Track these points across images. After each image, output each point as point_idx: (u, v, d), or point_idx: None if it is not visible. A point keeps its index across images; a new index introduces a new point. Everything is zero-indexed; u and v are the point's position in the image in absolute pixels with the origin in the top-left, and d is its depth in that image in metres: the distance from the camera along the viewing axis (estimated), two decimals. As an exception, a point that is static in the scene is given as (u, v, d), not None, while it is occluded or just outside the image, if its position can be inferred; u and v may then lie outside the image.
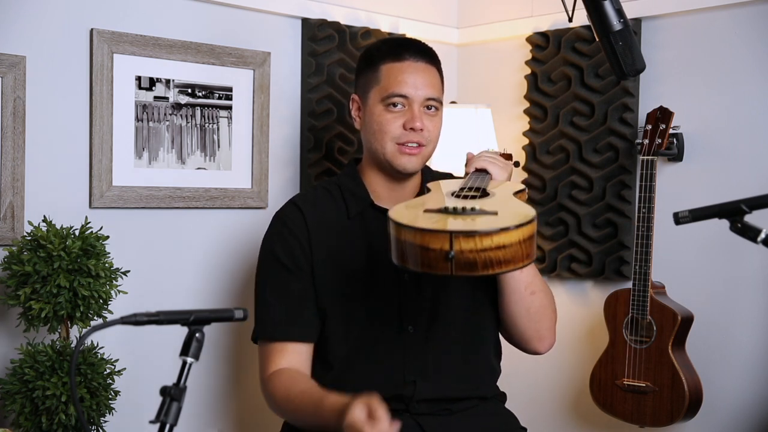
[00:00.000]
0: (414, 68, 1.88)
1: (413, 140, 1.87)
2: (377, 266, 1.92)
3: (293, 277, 1.88)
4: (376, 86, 1.90)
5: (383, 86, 1.88)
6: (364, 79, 1.94)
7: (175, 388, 1.24)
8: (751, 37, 2.45)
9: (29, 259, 1.93)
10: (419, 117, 1.86)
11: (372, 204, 1.95)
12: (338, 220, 1.94)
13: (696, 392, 2.41)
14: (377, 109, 1.89)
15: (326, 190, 1.99)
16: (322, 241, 1.91)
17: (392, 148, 1.88)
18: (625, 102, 2.65)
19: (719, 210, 1.38)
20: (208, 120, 2.48)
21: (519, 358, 2.12)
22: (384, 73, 1.89)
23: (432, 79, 1.90)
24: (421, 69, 1.89)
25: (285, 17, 2.65)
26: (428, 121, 1.88)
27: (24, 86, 2.13)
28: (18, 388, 1.95)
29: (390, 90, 1.86)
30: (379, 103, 1.89)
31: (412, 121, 1.86)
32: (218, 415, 2.56)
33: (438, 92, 1.91)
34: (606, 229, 2.72)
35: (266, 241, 1.97)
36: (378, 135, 1.89)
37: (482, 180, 1.76)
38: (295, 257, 1.89)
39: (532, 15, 2.93)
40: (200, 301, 2.49)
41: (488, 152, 1.91)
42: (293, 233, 1.91)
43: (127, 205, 2.32)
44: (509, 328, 1.95)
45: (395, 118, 1.87)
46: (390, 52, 1.90)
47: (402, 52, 1.89)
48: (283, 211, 1.96)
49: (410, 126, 1.86)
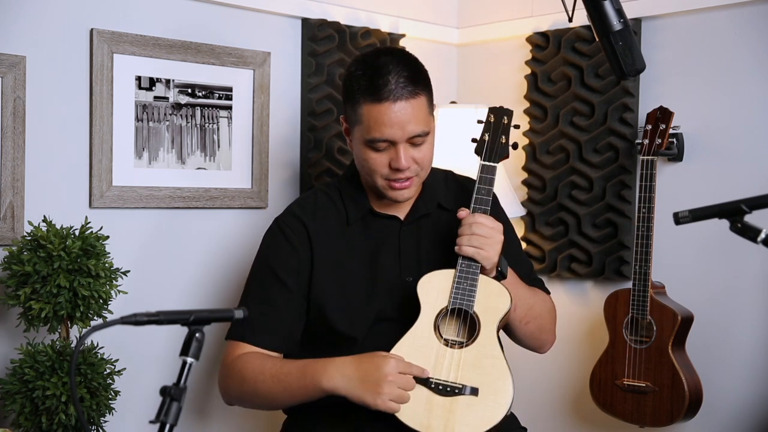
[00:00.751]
0: (394, 109, 1.78)
1: (401, 177, 1.84)
2: (378, 272, 1.92)
3: (282, 289, 1.88)
4: (359, 125, 1.84)
5: (365, 128, 1.82)
6: (348, 110, 1.87)
7: (175, 388, 1.24)
8: (751, 37, 2.45)
9: (29, 259, 1.93)
10: (404, 156, 1.81)
11: (372, 210, 1.94)
12: (338, 226, 1.94)
13: (696, 392, 2.41)
14: (361, 147, 1.85)
15: (326, 194, 1.98)
16: (324, 250, 1.91)
17: (382, 182, 1.86)
18: (625, 102, 2.65)
19: (719, 210, 1.38)
20: (208, 120, 2.48)
21: (519, 359, 2.12)
22: (365, 114, 1.81)
23: (416, 113, 1.80)
24: (402, 108, 1.78)
25: (285, 17, 2.65)
26: (416, 152, 1.84)
27: (24, 86, 2.13)
28: (18, 388, 1.95)
29: (371, 135, 1.81)
30: (362, 143, 1.84)
31: (397, 162, 1.81)
32: (218, 415, 2.56)
33: (423, 124, 1.82)
34: (606, 229, 2.72)
35: (262, 247, 1.97)
36: (366, 170, 1.87)
37: (472, 281, 1.80)
38: (288, 270, 1.89)
39: (532, 15, 2.93)
40: (200, 301, 2.49)
41: (477, 221, 1.83)
42: (292, 246, 1.90)
43: (127, 205, 2.32)
44: (512, 340, 2.04)
45: (380, 157, 1.83)
46: (369, 91, 1.79)
47: (380, 91, 1.78)
48: (284, 221, 1.95)
49: (395, 166, 1.82)
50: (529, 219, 2.89)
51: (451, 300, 1.81)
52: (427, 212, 1.98)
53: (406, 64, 1.82)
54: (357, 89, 1.82)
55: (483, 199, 1.88)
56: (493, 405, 1.74)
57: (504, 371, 1.77)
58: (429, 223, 1.97)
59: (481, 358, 1.77)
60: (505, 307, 1.81)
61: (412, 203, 1.98)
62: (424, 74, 1.87)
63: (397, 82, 1.78)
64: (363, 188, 1.95)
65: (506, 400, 1.74)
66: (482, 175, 1.91)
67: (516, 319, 1.93)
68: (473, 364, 1.77)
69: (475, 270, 1.81)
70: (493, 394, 1.75)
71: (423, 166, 1.87)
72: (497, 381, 1.76)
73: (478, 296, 1.80)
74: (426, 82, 1.86)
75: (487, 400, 1.74)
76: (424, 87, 1.84)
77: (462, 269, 1.81)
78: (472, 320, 1.80)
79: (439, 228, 1.95)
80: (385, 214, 1.95)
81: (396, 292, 1.89)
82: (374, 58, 1.84)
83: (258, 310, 1.87)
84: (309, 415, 1.91)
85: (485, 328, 1.79)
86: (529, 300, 1.95)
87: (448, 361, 1.77)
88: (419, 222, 1.97)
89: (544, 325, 2.01)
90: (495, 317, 1.80)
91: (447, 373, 1.76)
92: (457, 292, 1.81)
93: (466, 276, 1.81)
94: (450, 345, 1.79)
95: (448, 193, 2.03)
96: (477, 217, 1.83)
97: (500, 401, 1.74)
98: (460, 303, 1.80)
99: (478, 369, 1.76)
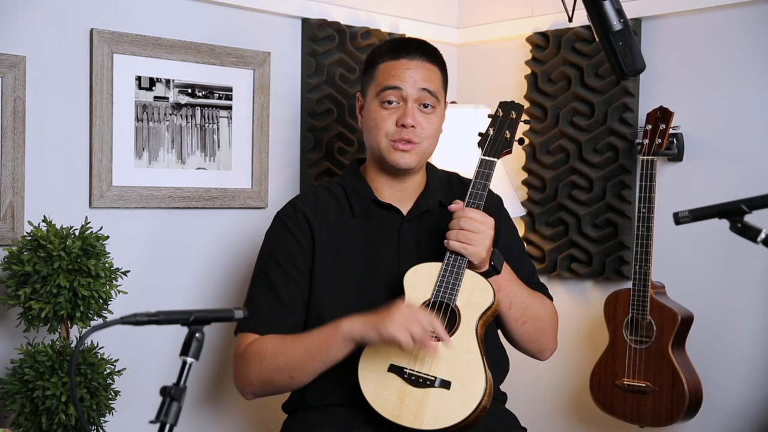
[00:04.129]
0: (409, 64, 1.90)
1: (405, 137, 1.88)
2: (377, 266, 1.93)
3: (287, 278, 1.90)
4: (373, 83, 1.94)
5: (378, 82, 1.92)
6: (366, 78, 1.98)
7: (175, 388, 1.24)
8: (751, 37, 2.44)
9: (29, 259, 1.93)
10: (411, 114, 1.87)
11: (376, 200, 1.96)
12: (341, 218, 1.95)
13: (696, 392, 2.41)
14: (373, 105, 1.91)
15: (327, 189, 2.00)
16: (324, 241, 1.92)
17: (386, 143, 1.90)
18: (625, 102, 2.65)
19: (719, 210, 1.38)
20: (208, 120, 2.48)
21: (519, 359, 2.12)
22: (381, 69, 1.93)
23: (428, 74, 1.91)
24: (417, 65, 1.90)
25: (285, 17, 2.65)
26: (422, 118, 1.89)
27: (24, 86, 2.13)
28: (18, 388, 1.95)
29: (383, 84, 1.90)
30: (375, 99, 1.91)
31: (404, 118, 1.87)
32: (218, 415, 2.56)
33: (434, 86, 1.92)
34: (606, 229, 2.72)
35: (266, 240, 1.99)
36: (373, 131, 1.91)
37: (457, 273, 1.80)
38: (292, 260, 1.91)
39: (532, 15, 2.93)
40: (200, 301, 2.49)
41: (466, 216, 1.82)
42: (294, 235, 1.92)
43: (127, 205, 2.32)
44: (511, 344, 2.04)
45: (389, 115, 1.89)
46: (389, 51, 1.94)
47: (400, 50, 1.92)
48: (285, 212, 1.97)
49: (401, 122, 1.87)
50: (529, 219, 2.89)
51: (434, 293, 1.81)
52: (428, 209, 1.99)
53: (427, 45, 1.97)
54: (378, 55, 1.95)
55: (477, 194, 1.87)
56: (463, 400, 1.73)
57: (478, 368, 1.76)
58: (430, 221, 1.98)
59: (458, 353, 1.77)
60: (486, 303, 1.81)
61: (416, 199, 1.98)
62: (441, 58, 1.99)
63: (417, 48, 1.93)
64: (366, 181, 1.98)
65: (476, 396, 1.73)
66: (480, 169, 1.90)
67: (512, 318, 1.92)
68: (449, 357, 1.76)
69: (461, 264, 1.81)
70: (465, 389, 1.74)
71: (427, 134, 1.91)
72: (470, 377, 1.75)
73: (461, 291, 1.80)
74: (443, 64, 1.98)
75: (459, 394, 1.74)
76: (440, 65, 1.96)
77: (449, 263, 1.82)
78: (453, 314, 1.80)
79: (440, 226, 1.95)
80: (388, 205, 1.96)
81: (393, 287, 1.89)
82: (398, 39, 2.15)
83: (264, 299, 1.89)
84: (309, 415, 1.91)
85: (465, 322, 1.79)
86: (526, 299, 1.94)
87: (424, 352, 1.76)
88: (420, 218, 1.98)
89: (542, 327, 1.99)
90: (476, 312, 1.80)
91: (422, 364, 1.77)
92: (441, 285, 1.81)
93: (452, 270, 1.81)
94: None
95: (452, 193, 2.03)
96: (467, 212, 1.83)
97: (471, 396, 1.74)
98: (442, 296, 1.81)
99: (453, 362, 1.76)
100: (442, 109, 1.96)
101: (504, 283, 1.88)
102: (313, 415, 1.90)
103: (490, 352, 1.85)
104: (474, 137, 1.98)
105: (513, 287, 1.91)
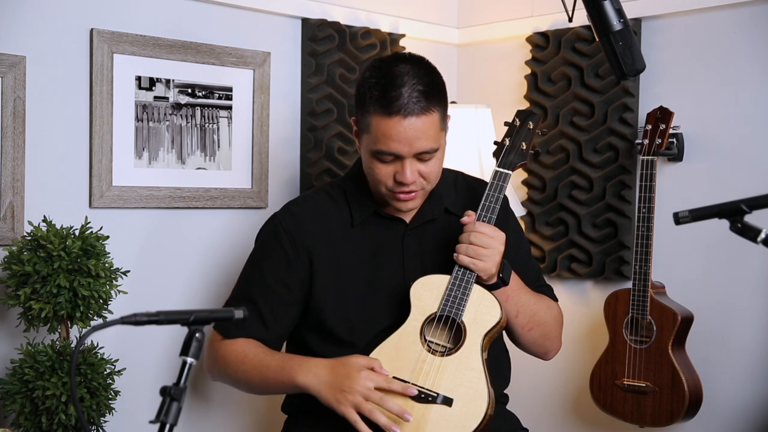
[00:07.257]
0: (404, 125, 1.72)
1: (405, 191, 1.80)
2: (380, 277, 1.90)
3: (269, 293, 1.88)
4: (367, 134, 1.79)
5: (373, 138, 1.76)
6: (359, 115, 1.82)
7: (175, 388, 1.24)
8: (751, 37, 2.45)
9: (29, 259, 1.93)
10: (409, 171, 1.76)
11: (376, 211, 1.91)
12: (340, 228, 1.91)
13: (696, 392, 2.41)
14: (368, 156, 1.81)
15: (329, 194, 1.95)
16: (324, 254, 1.89)
17: (387, 192, 1.83)
18: (625, 102, 2.65)
19: (719, 210, 1.38)
20: (208, 120, 2.48)
21: (520, 359, 2.12)
22: (373, 124, 1.75)
23: (426, 129, 1.74)
24: (412, 124, 1.72)
25: (285, 17, 2.65)
26: (423, 166, 1.78)
27: (24, 86, 2.13)
28: (18, 388, 1.95)
29: (378, 147, 1.76)
30: (370, 153, 1.80)
31: (402, 176, 1.77)
32: (218, 416, 2.56)
33: (432, 141, 1.76)
34: (606, 229, 2.72)
35: (257, 246, 1.97)
36: (371, 177, 1.84)
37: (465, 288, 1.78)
38: (278, 275, 1.88)
39: (532, 15, 2.93)
40: (200, 301, 2.49)
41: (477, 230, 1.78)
42: (285, 249, 1.88)
43: (127, 205, 2.32)
44: (517, 347, 2.03)
45: (386, 167, 1.78)
46: (380, 102, 1.73)
47: (391, 104, 1.71)
48: (281, 222, 1.92)
49: (400, 180, 1.78)
50: (529, 219, 2.89)
51: (440, 307, 1.79)
52: (433, 217, 1.94)
53: (422, 77, 1.75)
54: (369, 98, 1.75)
55: (490, 207, 1.82)
56: (464, 420, 1.72)
57: (481, 387, 1.74)
58: (435, 228, 1.94)
59: (462, 369, 1.75)
60: (493, 320, 1.78)
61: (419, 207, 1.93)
62: (439, 87, 1.79)
63: (410, 97, 1.71)
64: (368, 189, 1.91)
65: (477, 416, 1.72)
66: (493, 181, 1.85)
67: (519, 325, 1.91)
68: (453, 374, 1.75)
69: (470, 279, 1.78)
70: (467, 407, 1.73)
71: (429, 180, 1.82)
72: (473, 395, 1.74)
73: (468, 306, 1.78)
74: (441, 96, 1.79)
75: (460, 412, 1.73)
76: (438, 101, 1.77)
77: (457, 277, 1.79)
78: (459, 329, 1.78)
79: (446, 233, 1.91)
80: (391, 216, 1.92)
81: (398, 298, 1.86)
82: (391, 65, 1.76)
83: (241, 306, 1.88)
84: (310, 415, 1.90)
85: (470, 339, 1.77)
86: (533, 306, 1.92)
87: (428, 366, 1.75)
88: (424, 226, 1.93)
89: (548, 332, 1.98)
90: (482, 329, 1.78)
91: (425, 379, 1.75)
92: (448, 299, 1.78)
93: (460, 284, 1.78)
94: (432, 351, 1.78)
95: (457, 196, 1.98)
96: (478, 226, 1.78)
97: (472, 416, 1.72)
98: (449, 311, 1.78)
99: (456, 379, 1.75)
100: (443, 145, 1.83)
101: (512, 293, 1.86)
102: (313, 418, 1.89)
103: (493, 362, 1.84)
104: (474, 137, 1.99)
105: (520, 296, 1.89)
